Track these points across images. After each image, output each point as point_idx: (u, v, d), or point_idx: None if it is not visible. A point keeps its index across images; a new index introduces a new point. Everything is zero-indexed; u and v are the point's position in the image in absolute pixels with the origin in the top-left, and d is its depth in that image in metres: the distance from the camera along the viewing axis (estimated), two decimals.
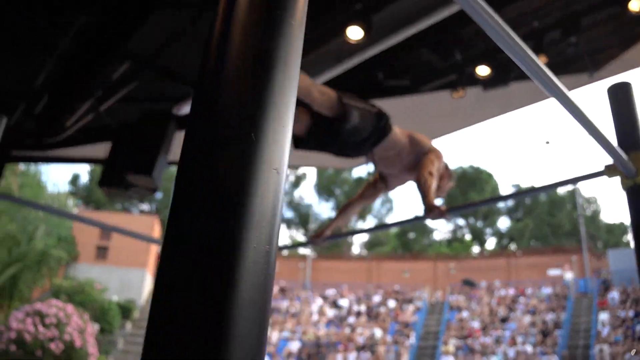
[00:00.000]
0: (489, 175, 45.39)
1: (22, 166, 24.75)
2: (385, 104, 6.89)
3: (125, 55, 6.31)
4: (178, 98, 6.97)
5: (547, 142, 38.60)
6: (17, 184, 25.64)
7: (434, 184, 2.67)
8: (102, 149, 7.80)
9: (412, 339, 21.09)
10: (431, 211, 2.59)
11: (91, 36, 5.99)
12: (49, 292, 22.77)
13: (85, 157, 9.37)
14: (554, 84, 1.73)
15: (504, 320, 22.47)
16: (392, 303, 25.20)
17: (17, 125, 8.23)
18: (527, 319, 22.21)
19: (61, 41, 6.06)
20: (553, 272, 30.28)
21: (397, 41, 4.96)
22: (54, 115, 7.87)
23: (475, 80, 5.65)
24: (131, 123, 7.37)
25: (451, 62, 5.53)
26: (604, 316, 21.25)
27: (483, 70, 5.32)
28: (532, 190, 2.43)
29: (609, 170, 2.36)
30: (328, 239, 3.26)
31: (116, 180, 6.61)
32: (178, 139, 7.53)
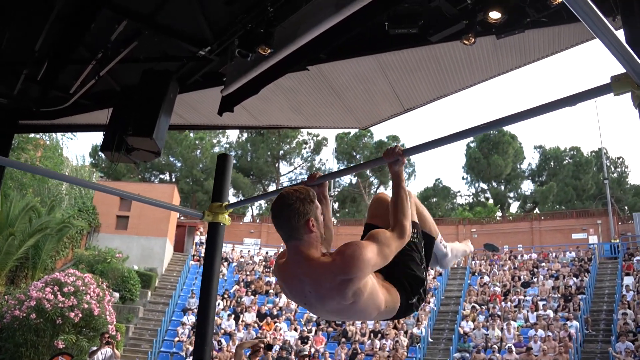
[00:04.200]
0: (512, 137, 44.52)
1: (45, 138, 24.84)
2: (396, 57, 6.55)
3: (122, 13, 6.05)
4: (178, 58, 6.72)
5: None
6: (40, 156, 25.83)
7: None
8: (107, 115, 7.63)
9: (433, 304, 20.94)
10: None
11: None
12: (71, 262, 23.03)
13: (93, 124, 9.22)
14: None
15: (526, 285, 22.18)
16: None
17: (22, 94, 8.06)
18: (550, 283, 21.90)
19: (56, 1, 5.83)
20: (577, 236, 29.84)
21: None
22: (57, 82, 7.68)
23: (488, 27, 5.31)
24: (134, 84, 7.14)
25: (461, 7, 5.18)
26: (628, 280, 20.85)
27: (495, 15, 4.97)
28: (498, 122, 2.01)
29: (616, 82, 1.90)
30: (320, 179, 2.97)
31: (117, 144, 6.42)
32: (181, 100, 7.31)
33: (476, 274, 24.14)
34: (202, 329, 3.12)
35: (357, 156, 45.13)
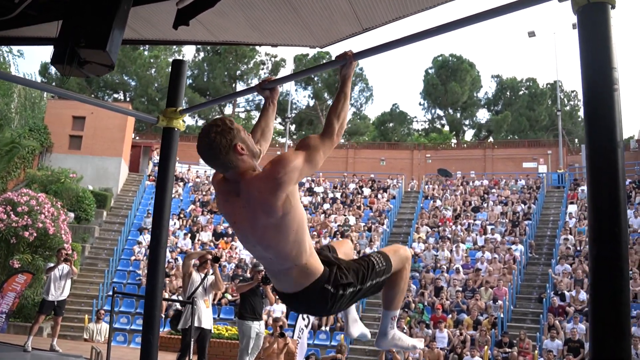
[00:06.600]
0: (471, 65, 44.65)
1: None
2: None
3: None
4: None
5: (531, 34, 37.47)
6: None
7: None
8: (56, 27, 7.33)
9: (385, 226, 21.54)
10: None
11: None
12: (23, 182, 22.60)
13: (42, 37, 8.85)
14: None
15: (476, 209, 22.95)
16: (367, 191, 25.53)
17: None
18: (499, 209, 22.70)
19: None
20: (528, 165, 30.75)
21: None
22: None
23: None
24: None
25: None
26: (572, 209, 21.79)
27: None
28: None
29: None
30: (272, 83, 3.11)
31: (69, 57, 6.22)
32: (135, 14, 7.07)
33: (429, 197, 24.79)
34: (157, 233, 3.19)
35: (315, 78, 44.73)
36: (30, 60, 67.33)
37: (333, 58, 2.69)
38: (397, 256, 2.76)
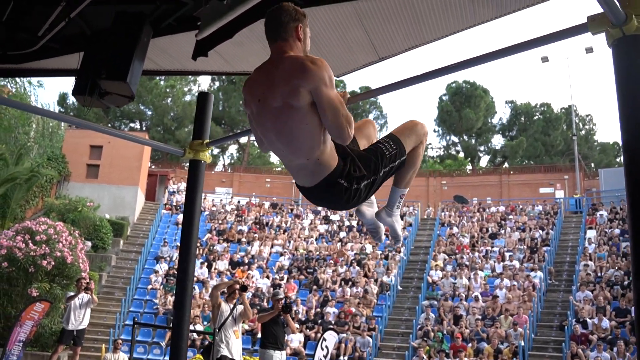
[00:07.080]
0: (485, 91, 44.72)
1: (10, 87, 24.11)
2: (373, 5, 6.49)
3: None
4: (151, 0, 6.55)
5: (545, 59, 37.35)
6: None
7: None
8: (77, 59, 7.44)
9: (402, 254, 21.38)
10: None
11: None
12: (41, 211, 22.79)
13: (63, 69, 8.99)
14: None
15: (493, 236, 22.74)
16: None
17: None
18: (516, 235, 22.47)
19: None
20: (545, 190, 30.51)
21: None
22: (24, 23, 7.43)
23: None
24: (105, 29, 6.97)
25: None
26: (591, 234, 21.52)
27: None
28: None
29: (592, 22, 2.06)
30: None
31: (90, 88, 6.31)
32: (154, 45, 7.17)
33: (445, 224, 24.62)
34: (184, 263, 3.19)
35: None
36: (49, 89, 68.38)
37: (347, 86, 2.65)
38: (411, 134, 2.69)
